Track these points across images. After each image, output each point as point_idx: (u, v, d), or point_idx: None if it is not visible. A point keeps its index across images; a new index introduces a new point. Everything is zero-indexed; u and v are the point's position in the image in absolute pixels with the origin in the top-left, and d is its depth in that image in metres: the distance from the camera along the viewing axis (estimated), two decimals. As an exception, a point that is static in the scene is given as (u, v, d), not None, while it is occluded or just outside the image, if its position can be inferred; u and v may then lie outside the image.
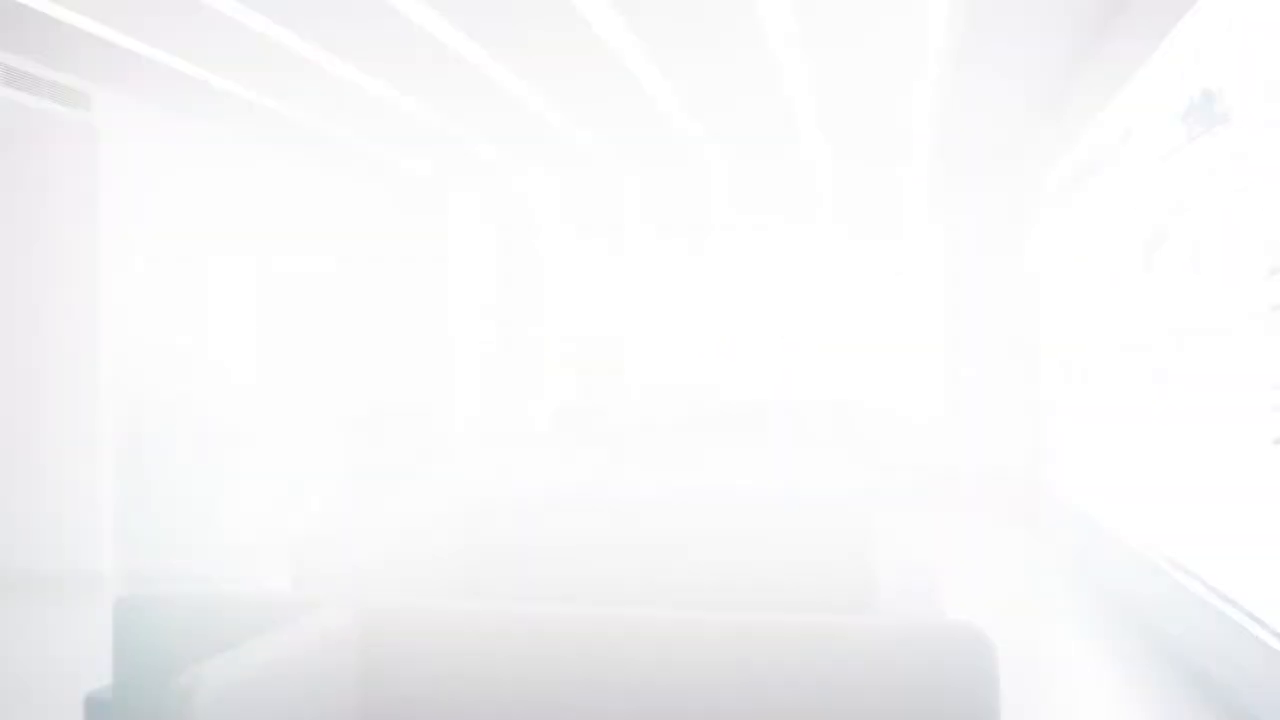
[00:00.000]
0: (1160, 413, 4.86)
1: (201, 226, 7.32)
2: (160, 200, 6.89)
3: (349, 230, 9.36)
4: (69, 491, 6.36)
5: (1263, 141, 3.59)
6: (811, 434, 8.48)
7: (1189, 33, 4.36)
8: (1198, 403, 4.33)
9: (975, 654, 1.72)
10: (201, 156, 7.30)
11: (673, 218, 9.45)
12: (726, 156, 8.56)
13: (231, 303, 7.65)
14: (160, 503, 6.29)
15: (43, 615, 5.65)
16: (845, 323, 9.10)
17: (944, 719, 1.71)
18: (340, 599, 2.02)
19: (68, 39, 5.44)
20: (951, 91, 6.63)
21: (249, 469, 6.60)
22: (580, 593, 3.49)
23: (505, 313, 9.74)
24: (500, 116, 7.27)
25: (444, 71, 6.17)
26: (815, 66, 6.20)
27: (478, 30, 5.51)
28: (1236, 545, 3.89)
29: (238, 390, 7.44)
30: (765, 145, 8.18)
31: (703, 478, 4.45)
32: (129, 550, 6.33)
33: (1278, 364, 3.45)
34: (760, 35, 5.60)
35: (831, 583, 3.25)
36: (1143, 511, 5.25)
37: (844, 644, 1.77)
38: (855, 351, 9.08)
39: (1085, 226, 6.21)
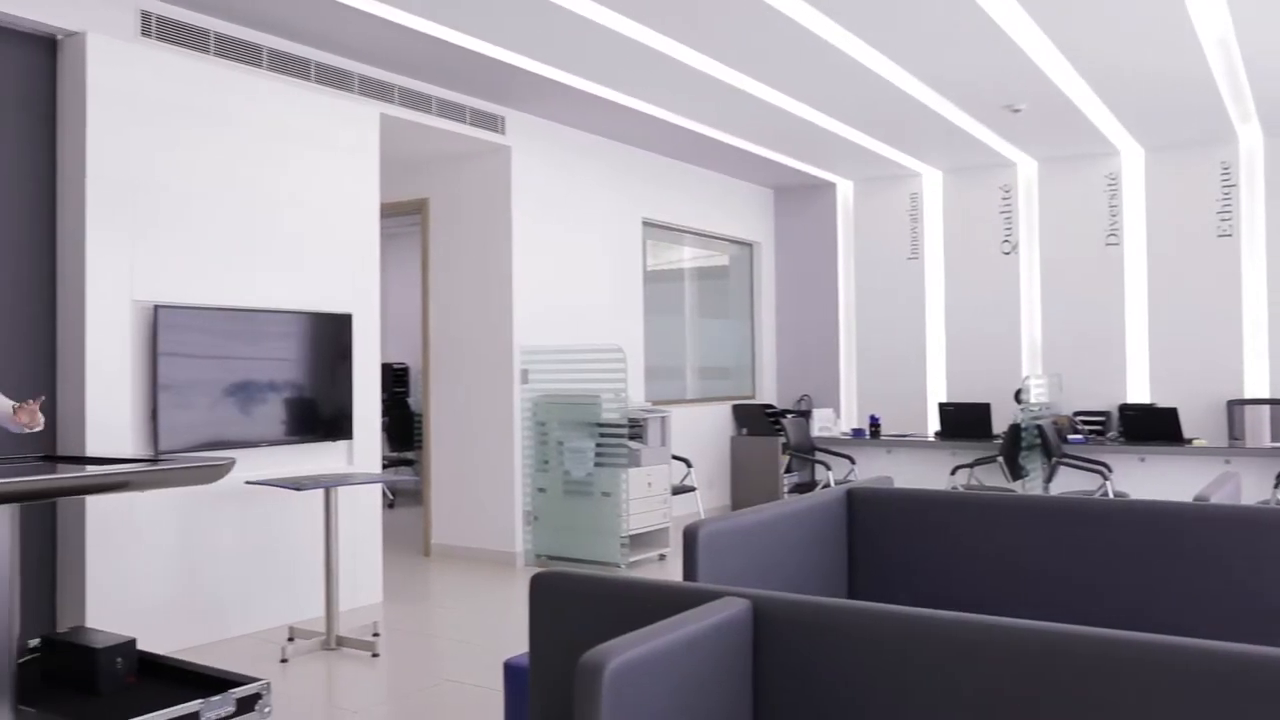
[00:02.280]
0: None
1: (593, 230, 7.82)
2: (555, 207, 7.45)
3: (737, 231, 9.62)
4: (493, 481, 7.05)
5: None
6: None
7: None
8: None
9: None
10: (591, 166, 7.81)
11: (1074, 217, 8.79)
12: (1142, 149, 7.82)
13: (624, 302, 8.11)
14: (562, 490, 6.81)
15: (473, 589, 6.31)
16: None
17: None
18: (734, 589, 2.07)
19: (485, 70, 6.04)
20: None
21: (645, 458, 6.96)
22: (987, 599, 3.33)
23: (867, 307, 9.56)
24: (892, 114, 7.14)
25: (831, 71, 6.15)
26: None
27: (866, 31, 5.44)
28: None
29: (631, 378, 7.86)
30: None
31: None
32: (537, 533, 6.91)
33: None
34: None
35: (1267, 606, 2.86)
36: None
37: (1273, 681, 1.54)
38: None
39: None
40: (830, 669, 1.94)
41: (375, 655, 4.74)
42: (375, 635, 4.95)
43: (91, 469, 3.85)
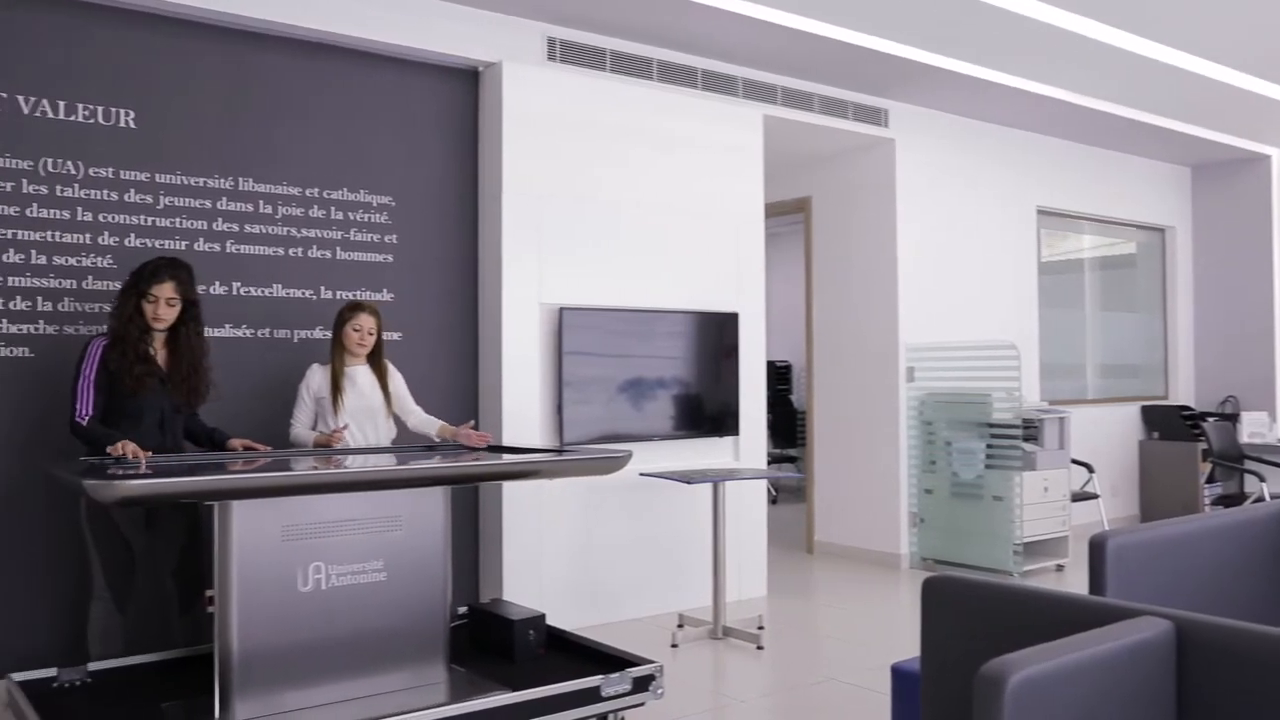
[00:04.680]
0: None
1: (983, 221, 7.45)
2: (941, 199, 7.17)
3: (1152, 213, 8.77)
4: (877, 480, 6.93)
5: None
6: None
7: None
8: None
9: None
10: (979, 154, 7.43)
11: None
12: None
13: (1017, 296, 7.66)
14: (949, 492, 6.55)
15: (857, 589, 6.25)
16: None
17: None
18: (1154, 608, 1.87)
19: (868, 64, 5.95)
20: None
21: (1041, 461, 6.53)
22: None
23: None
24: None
25: (1261, 23, 5.43)
26: None
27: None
28: None
29: (1025, 376, 7.40)
30: None
31: None
32: (922, 535, 6.69)
33: None
34: None
35: None
36: None
37: None
38: None
39: None
40: (1272, 707, 1.70)
41: (760, 648, 4.82)
42: (760, 628, 5.04)
43: (508, 458, 4.24)
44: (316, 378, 4.29)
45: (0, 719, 3.71)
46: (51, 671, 3.53)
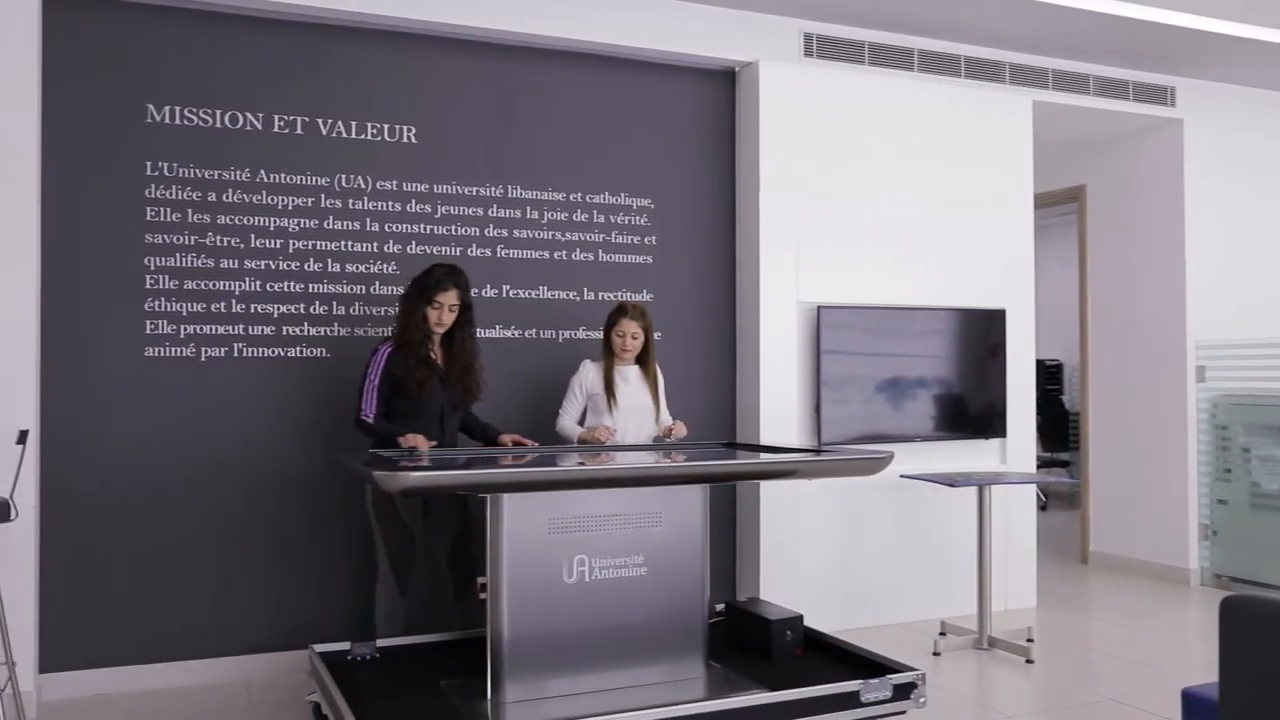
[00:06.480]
0: None
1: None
2: (1239, 182, 6.52)
3: None
4: (1162, 489, 6.41)
5: None
6: None
7: None
8: None
9: None
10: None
11: None
12: None
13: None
14: (1248, 504, 5.96)
15: (1138, 605, 5.82)
16: None
17: None
18: None
19: (1151, 38, 5.50)
20: None
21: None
22: None
23: None
24: None
25: None
26: None
27: None
28: None
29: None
30: None
31: None
32: (1215, 550, 6.13)
33: None
34: None
35: None
36: None
37: None
38: None
39: None
40: None
41: (1029, 661, 4.56)
42: (1029, 640, 4.77)
43: (765, 457, 4.23)
44: (590, 374, 4.41)
45: (302, 684, 4.09)
46: (345, 645, 3.84)
